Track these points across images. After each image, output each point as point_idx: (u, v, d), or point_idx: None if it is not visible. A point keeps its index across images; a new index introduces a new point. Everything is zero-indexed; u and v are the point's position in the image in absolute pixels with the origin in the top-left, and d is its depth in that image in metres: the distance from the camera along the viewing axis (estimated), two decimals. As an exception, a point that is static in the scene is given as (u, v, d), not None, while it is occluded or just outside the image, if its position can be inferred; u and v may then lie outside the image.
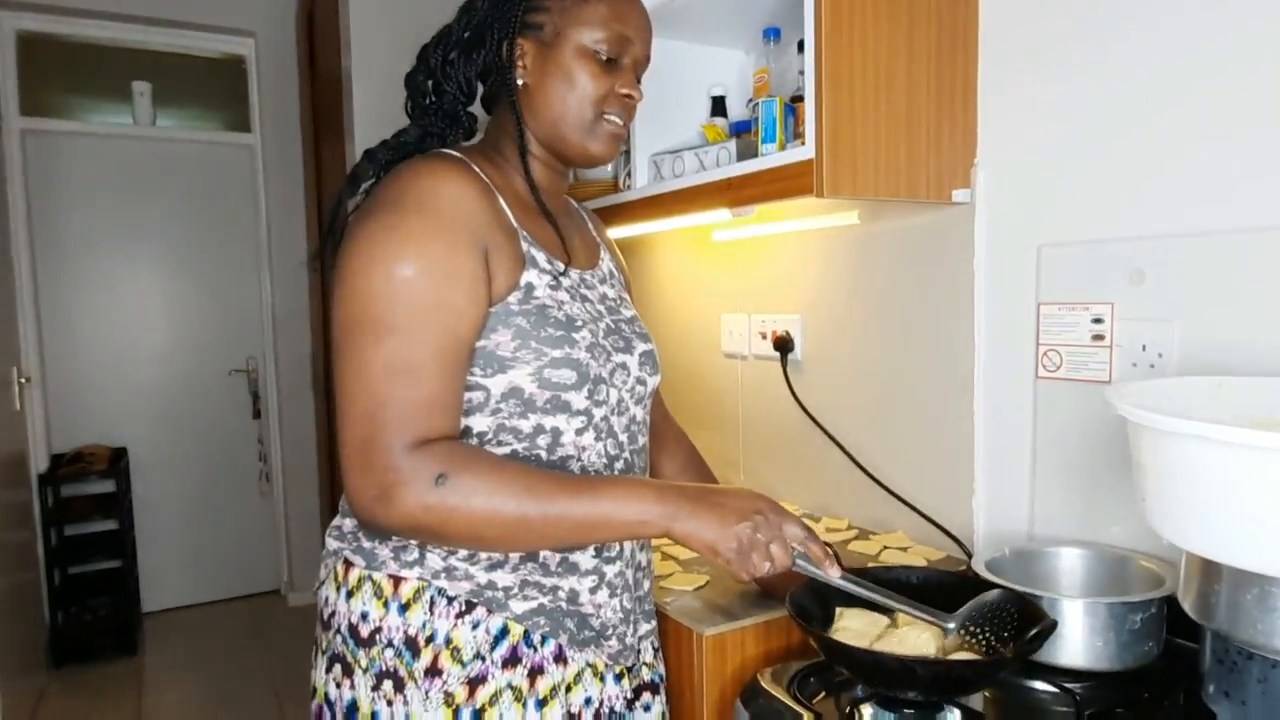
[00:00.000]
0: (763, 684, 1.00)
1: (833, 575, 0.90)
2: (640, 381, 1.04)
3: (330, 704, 0.94)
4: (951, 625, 0.91)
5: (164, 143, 3.79)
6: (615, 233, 1.74)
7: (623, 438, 1.01)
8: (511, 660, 0.92)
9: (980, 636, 0.91)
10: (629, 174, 1.66)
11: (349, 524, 0.97)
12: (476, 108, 1.05)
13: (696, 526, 0.84)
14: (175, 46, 3.75)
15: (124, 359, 3.75)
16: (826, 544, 0.92)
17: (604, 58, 0.96)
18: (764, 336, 1.77)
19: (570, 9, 0.95)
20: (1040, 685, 0.95)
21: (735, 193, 1.35)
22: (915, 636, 0.92)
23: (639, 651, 1.06)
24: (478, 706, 0.91)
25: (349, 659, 0.93)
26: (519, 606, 0.93)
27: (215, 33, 3.74)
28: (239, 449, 3.99)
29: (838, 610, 0.98)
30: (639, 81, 1.02)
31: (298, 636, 3.55)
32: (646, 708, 1.07)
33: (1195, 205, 1.07)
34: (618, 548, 1.00)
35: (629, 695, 1.04)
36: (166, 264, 3.81)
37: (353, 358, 0.84)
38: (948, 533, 1.39)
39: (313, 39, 3.36)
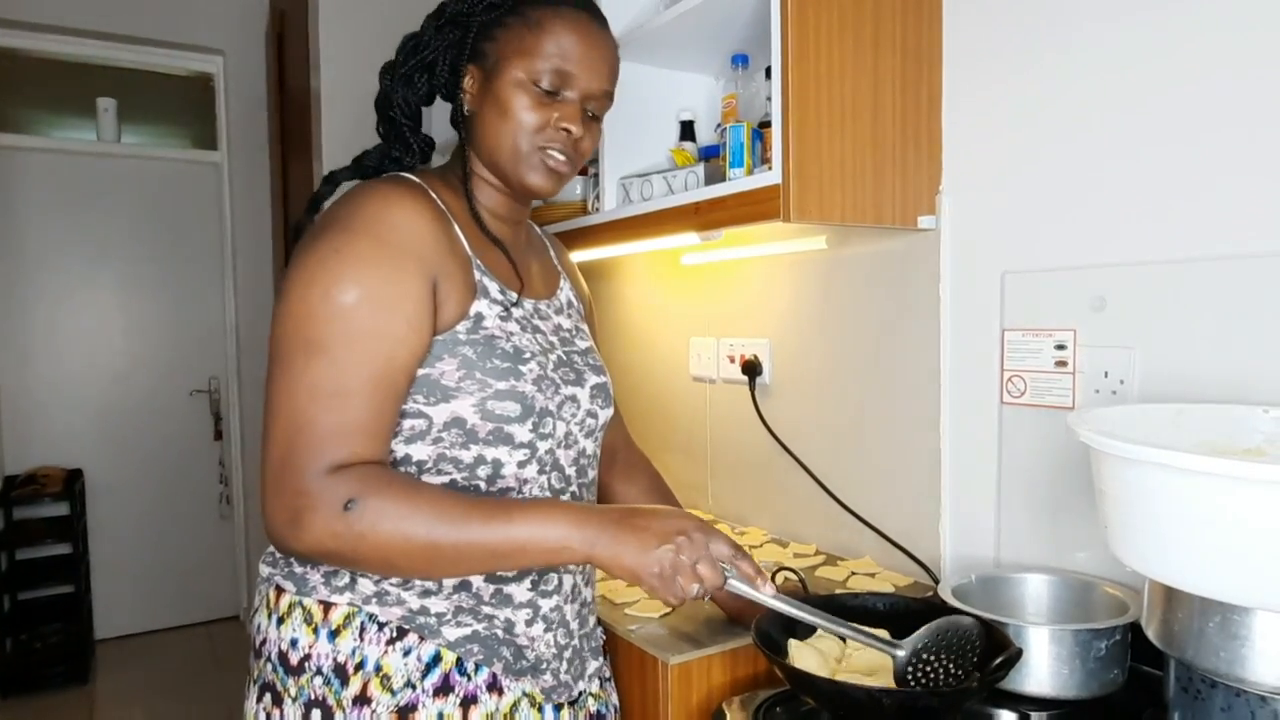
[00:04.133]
0: (729, 714, 0.99)
1: (765, 592, 0.86)
2: (591, 414, 1.03)
3: None
4: (902, 653, 0.87)
5: (128, 159, 3.73)
6: (583, 255, 1.74)
7: (570, 471, 1.00)
8: (443, 689, 0.90)
9: (936, 665, 0.88)
10: (598, 196, 1.66)
11: None
12: (439, 131, 1.05)
13: (618, 553, 0.82)
14: (142, 64, 3.70)
15: (82, 379, 3.67)
16: (792, 571, 0.91)
17: (543, 89, 0.94)
18: (732, 360, 1.77)
19: (514, 40, 0.94)
20: (1006, 714, 0.95)
21: (703, 217, 1.35)
22: (873, 653, 0.91)
23: (584, 684, 1.04)
24: None
25: (279, 688, 0.90)
26: (452, 633, 0.91)
27: (183, 50, 3.70)
28: (199, 471, 3.90)
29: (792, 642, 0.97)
30: (596, 117, 1.00)
31: (257, 664, 3.46)
32: None
33: (1155, 234, 1.08)
34: (556, 581, 0.98)
35: None
36: (128, 282, 3.75)
37: (281, 378, 0.83)
38: (915, 558, 1.39)
39: (282, 58, 3.33)
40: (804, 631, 0.99)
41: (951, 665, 0.89)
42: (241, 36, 3.74)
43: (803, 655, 0.95)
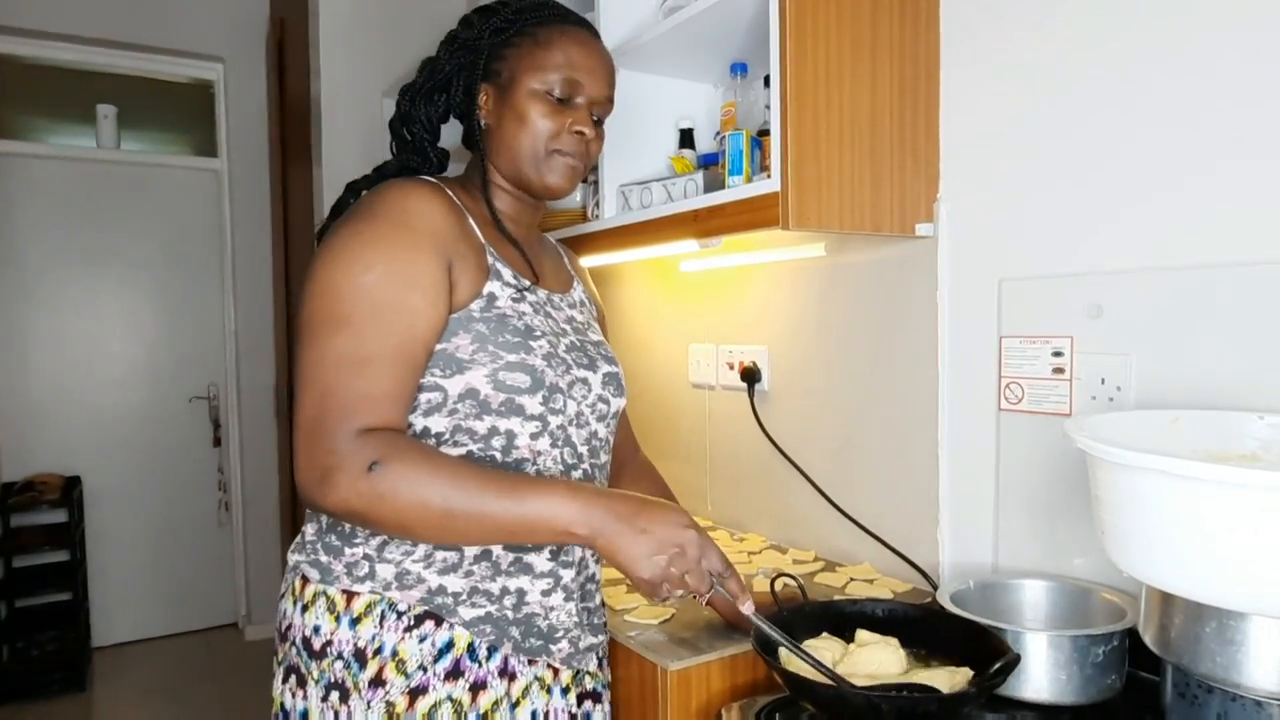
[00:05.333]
0: (727, 720, 0.99)
1: (745, 610, 0.92)
2: (603, 400, 1.07)
3: (286, 713, 0.97)
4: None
5: (128, 166, 3.74)
6: (583, 262, 1.74)
7: (582, 449, 1.05)
8: (453, 673, 0.95)
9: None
10: (597, 204, 1.66)
11: (310, 530, 1.00)
12: (450, 143, 1.11)
13: (616, 548, 0.86)
14: (142, 71, 3.71)
15: (80, 385, 3.66)
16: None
17: (556, 98, 1.02)
18: (731, 367, 1.77)
19: (525, 56, 1.03)
20: None
21: (702, 224, 1.36)
22: (871, 656, 0.93)
23: (585, 660, 1.07)
24: (417, 717, 0.93)
25: (303, 670, 0.96)
26: (467, 613, 0.96)
27: (184, 57, 3.71)
28: (198, 478, 3.90)
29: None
30: (600, 122, 1.08)
31: (255, 672, 3.45)
32: (587, 716, 1.07)
33: (1150, 242, 1.09)
34: (578, 552, 1.03)
35: (573, 709, 1.04)
36: (127, 289, 3.75)
37: (310, 350, 0.89)
38: (913, 564, 1.39)
39: (282, 65, 3.35)
40: (804, 643, 1.00)
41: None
42: (241, 44, 3.75)
43: (801, 661, 0.95)
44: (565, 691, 1.03)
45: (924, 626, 1.02)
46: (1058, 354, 1.18)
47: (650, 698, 1.10)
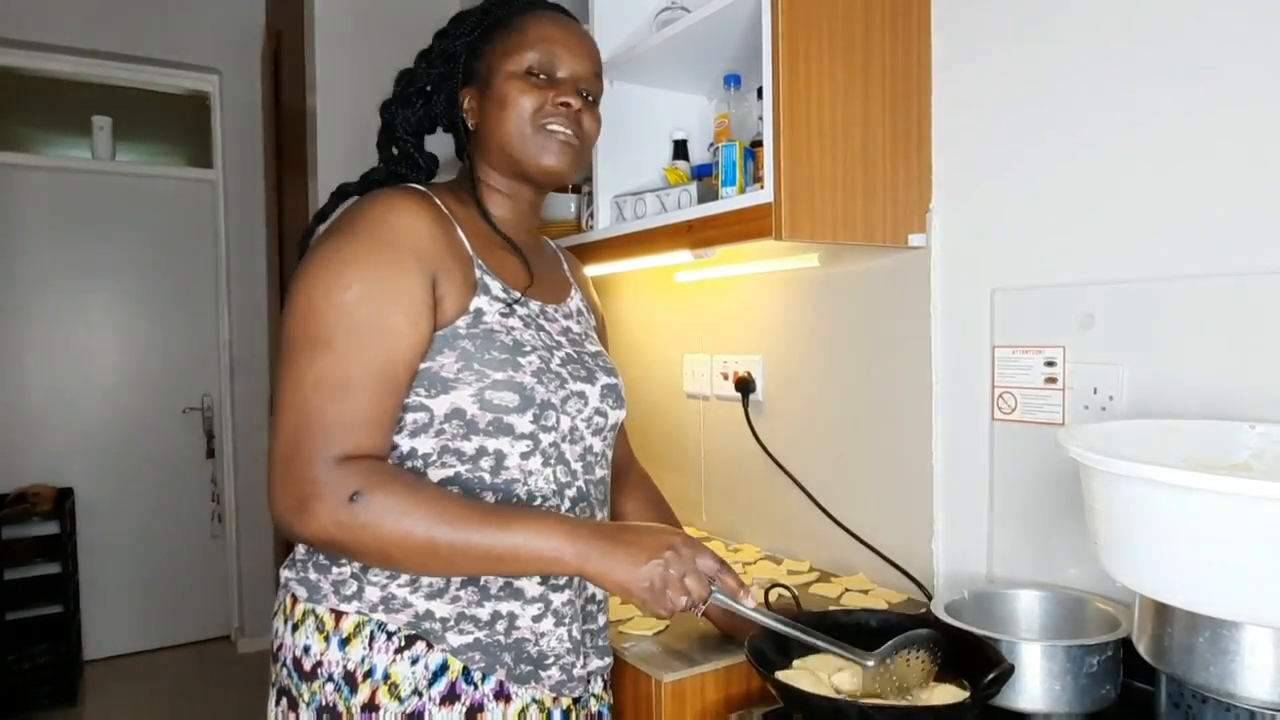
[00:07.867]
0: (721, 731, 0.99)
1: (747, 605, 0.90)
2: (600, 413, 1.04)
3: None
4: (870, 663, 0.91)
5: (123, 177, 3.73)
6: (578, 273, 1.74)
7: (576, 466, 1.01)
8: (449, 697, 0.92)
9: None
10: (591, 215, 1.67)
11: (301, 548, 0.97)
12: (440, 149, 1.09)
13: (609, 567, 0.85)
14: (138, 82, 3.72)
15: (73, 396, 3.64)
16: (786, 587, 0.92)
17: (536, 76, 1.00)
18: (725, 377, 1.78)
19: (498, 45, 1.02)
20: (999, 730, 0.95)
21: (696, 234, 1.36)
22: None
23: (588, 683, 1.04)
24: None
25: (294, 692, 0.93)
26: (455, 640, 0.93)
27: (179, 69, 3.71)
28: (191, 490, 3.88)
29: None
30: (595, 102, 1.06)
31: (247, 685, 3.42)
32: None
33: (1141, 252, 1.09)
34: (565, 576, 0.99)
35: None
36: (122, 300, 3.74)
37: (288, 372, 0.87)
38: (908, 574, 1.39)
39: (278, 77, 3.35)
40: (798, 656, 0.99)
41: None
42: (237, 55, 3.76)
43: (795, 675, 0.95)
44: (566, 714, 1.00)
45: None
46: (1050, 364, 1.18)
47: (645, 709, 1.10)
